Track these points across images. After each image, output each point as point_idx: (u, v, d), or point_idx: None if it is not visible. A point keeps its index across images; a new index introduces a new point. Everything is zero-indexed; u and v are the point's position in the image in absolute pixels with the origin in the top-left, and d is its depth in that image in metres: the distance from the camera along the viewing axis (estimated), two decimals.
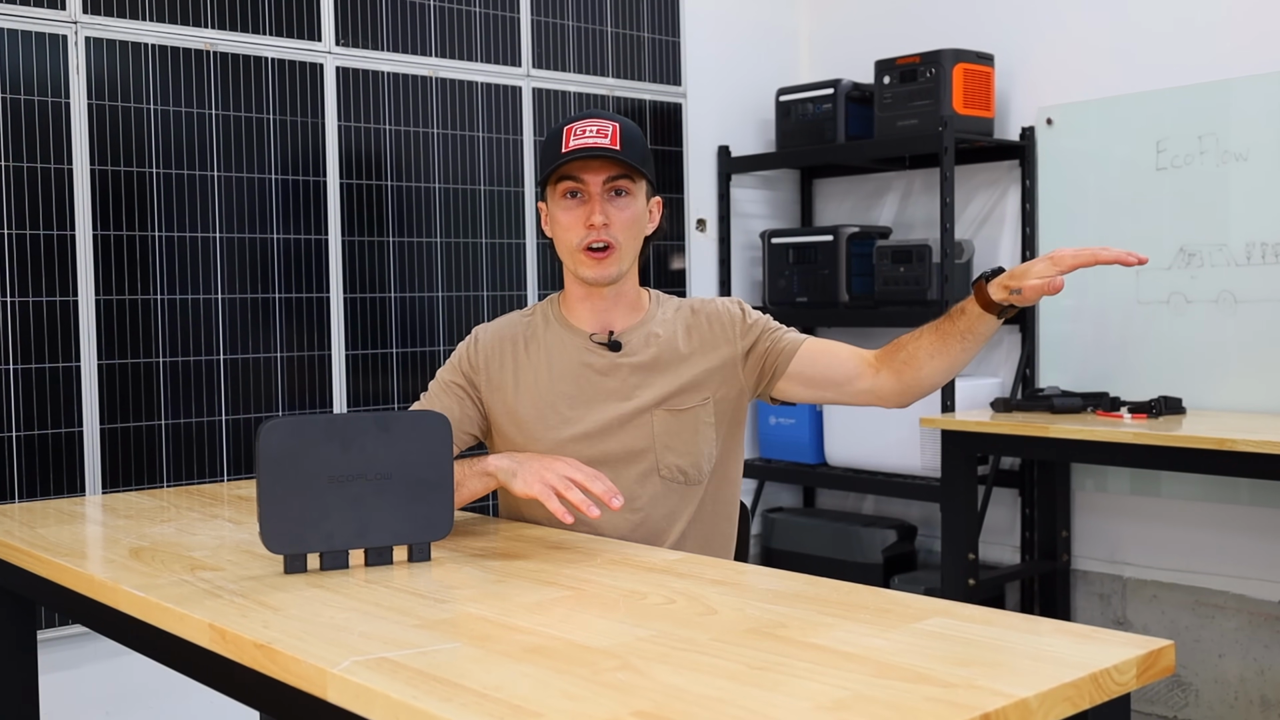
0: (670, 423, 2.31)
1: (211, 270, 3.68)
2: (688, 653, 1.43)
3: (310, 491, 1.87)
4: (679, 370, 2.33)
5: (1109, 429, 3.68)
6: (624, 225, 2.28)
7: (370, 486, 1.90)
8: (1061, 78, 4.51)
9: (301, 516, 1.87)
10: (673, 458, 2.31)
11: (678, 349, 2.35)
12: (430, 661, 1.41)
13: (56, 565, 2.04)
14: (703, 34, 4.96)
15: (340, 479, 1.88)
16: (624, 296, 2.36)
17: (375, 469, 1.91)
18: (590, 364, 2.34)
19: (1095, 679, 1.33)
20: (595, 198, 2.25)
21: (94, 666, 3.50)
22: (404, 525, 1.94)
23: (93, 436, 3.47)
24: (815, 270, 4.81)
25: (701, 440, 2.33)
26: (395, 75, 4.05)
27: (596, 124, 2.25)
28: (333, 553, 1.90)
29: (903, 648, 1.43)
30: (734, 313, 2.39)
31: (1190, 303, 4.12)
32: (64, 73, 3.44)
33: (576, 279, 2.33)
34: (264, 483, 1.84)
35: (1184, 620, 4.24)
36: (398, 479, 1.92)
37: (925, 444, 4.43)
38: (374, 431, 1.91)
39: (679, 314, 2.40)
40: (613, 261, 2.27)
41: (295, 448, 1.86)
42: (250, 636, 1.54)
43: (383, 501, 1.92)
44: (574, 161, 2.23)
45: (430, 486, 1.95)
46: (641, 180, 2.31)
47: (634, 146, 2.27)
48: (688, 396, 2.32)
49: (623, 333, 2.35)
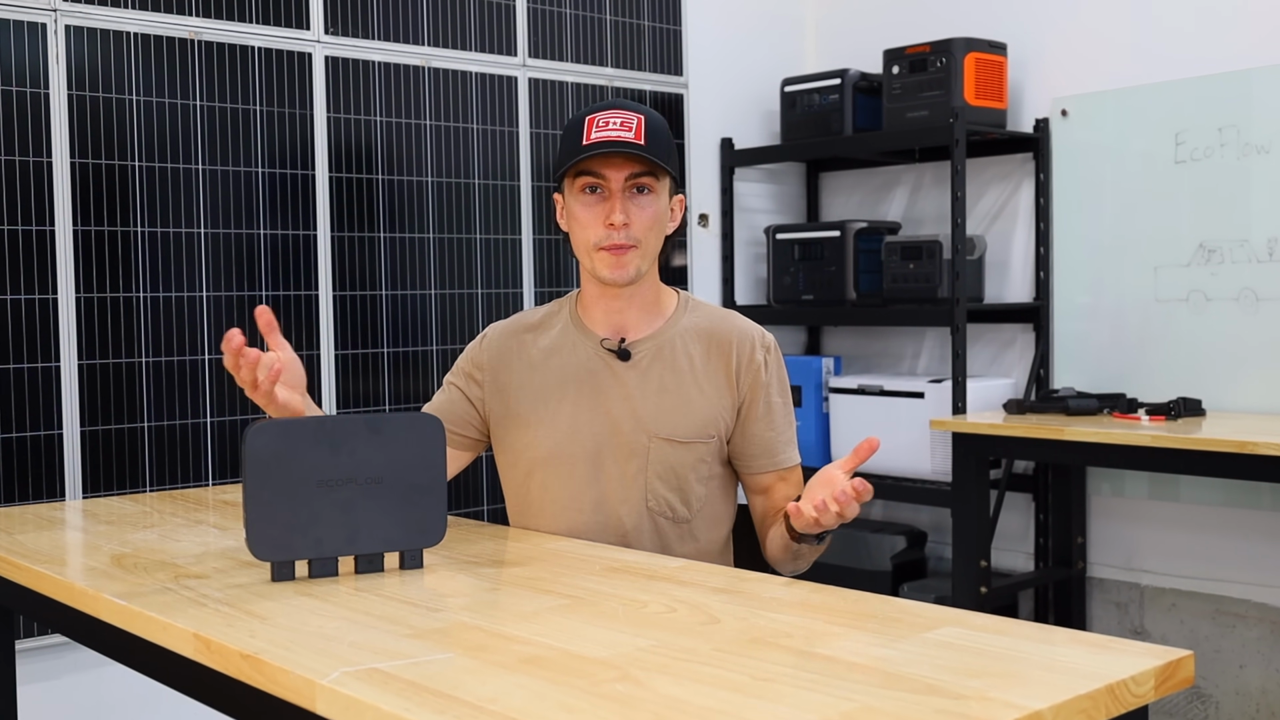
0: (667, 454, 2.27)
1: (196, 267, 3.68)
2: (689, 663, 1.43)
3: (299, 496, 1.86)
4: (693, 398, 2.29)
5: (1126, 431, 3.68)
6: (645, 225, 2.23)
7: (361, 491, 1.90)
8: (1077, 67, 4.51)
9: (290, 522, 1.86)
10: (663, 489, 2.27)
11: (691, 372, 2.30)
12: (423, 672, 1.41)
13: (35, 573, 2.04)
14: (705, 22, 4.96)
15: (330, 483, 1.88)
16: (641, 298, 2.32)
17: (366, 473, 1.90)
18: (596, 371, 2.30)
19: (1112, 690, 1.33)
20: (616, 195, 2.20)
21: (74, 678, 3.50)
22: (396, 531, 1.94)
23: (73, 439, 3.47)
24: (821, 267, 4.81)
25: (695, 478, 2.29)
26: (386, 65, 4.06)
27: (620, 115, 2.21)
28: (322, 560, 1.90)
29: (912, 658, 1.43)
30: (756, 360, 2.32)
31: (1210, 300, 4.12)
32: (43, 62, 3.44)
33: (592, 278, 2.29)
34: (250, 487, 1.84)
35: (1204, 630, 4.24)
36: (389, 483, 1.92)
37: (936, 447, 4.43)
38: (365, 434, 1.91)
39: (700, 333, 2.33)
40: (632, 262, 2.22)
41: (283, 451, 1.85)
42: (236, 647, 1.54)
43: (374, 506, 1.91)
44: (595, 156, 2.19)
45: (423, 491, 1.95)
46: (665, 177, 2.26)
47: (659, 141, 2.22)
48: (694, 428, 2.28)
49: (635, 341, 2.31)
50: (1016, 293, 4.72)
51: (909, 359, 5.06)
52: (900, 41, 4.69)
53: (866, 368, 5.15)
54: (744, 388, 2.31)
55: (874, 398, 4.64)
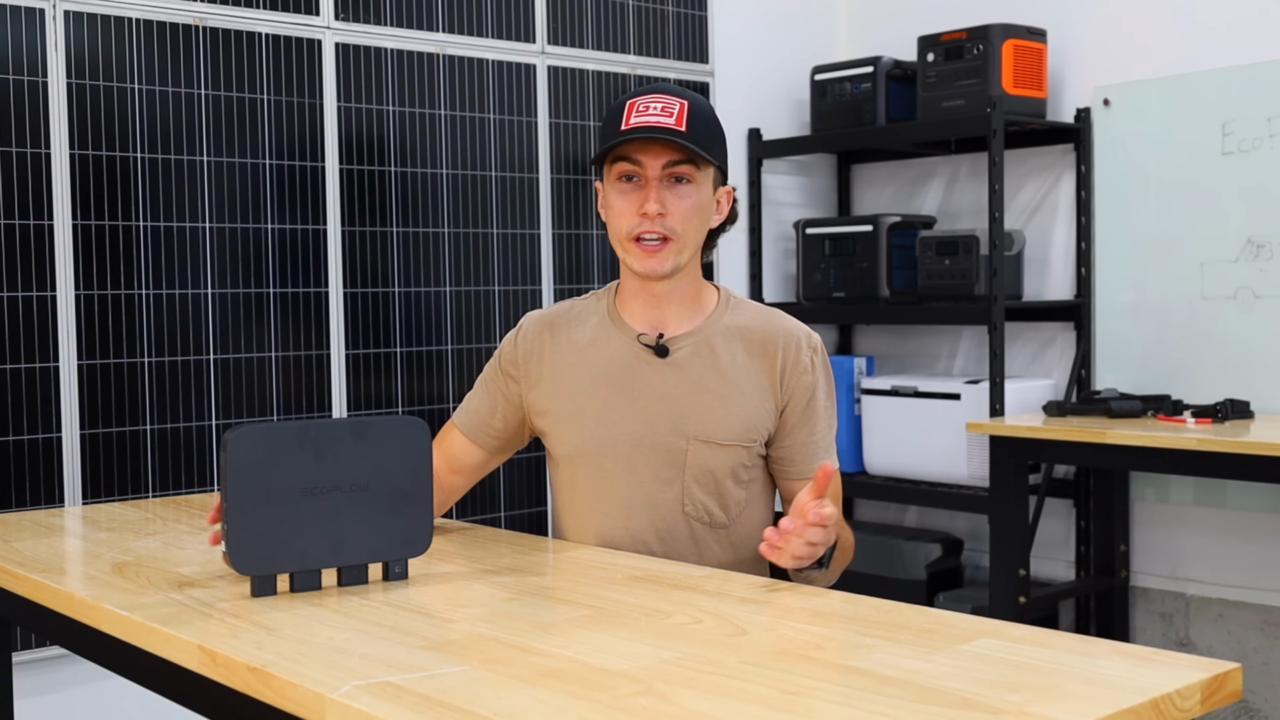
0: (705, 455, 2.26)
1: (201, 263, 3.69)
2: (716, 676, 1.43)
3: (282, 506, 1.86)
4: (734, 399, 2.27)
5: (1171, 434, 3.67)
6: (683, 216, 2.22)
7: (345, 499, 1.90)
8: (1120, 54, 4.50)
9: (272, 533, 1.86)
10: (700, 493, 2.27)
11: (733, 372, 2.28)
12: (437, 686, 1.41)
13: (33, 582, 2.05)
14: (732, 7, 4.96)
15: (313, 491, 1.88)
16: (680, 294, 2.30)
17: (351, 479, 1.90)
18: (631, 367, 2.29)
19: (1156, 705, 1.33)
20: (652, 183, 2.20)
21: (74, 691, 3.51)
22: (381, 541, 1.94)
23: (72, 443, 3.49)
24: (853, 263, 4.80)
25: (734, 483, 2.28)
26: (399, 52, 4.06)
27: (662, 100, 2.20)
28: (304, 573, 1.90)
29: (948, 671, 1.43)
30: (803, 362, 2.30)
31: (1259, 298, 4.11)
32: (41, 50, 3.45)
33: (629, 271, 2.28)
34: (231, 497, 1.83)
35: (1252, 641, 4.22)
36: (374, 490, 1.92)
37: (972, 451, 4.42)
38: (349, 439, 1.90)
39: (743, 332, 2.31)
40: (668, 255, 2.21)
41: (265, 458, 1.84)
42: (243, 659, 1.54)
43: (358, 515, 1.91)
44: (631, 142, 2.19)
45: (408, 499, 1.95)
46: (708, 167, 2.25)
47: (703, 128, 2.21)
48: (735, 431, 2.26)
49: (674, 338, 2.30)
50: (1057, 290, 4.70)
51: (945, 359, 5.05)
52: (935, 27, 4.68)
53: (900, 368, 5.14)
54: (788, 391, 2.29)
55: (908, 399, 4.63)
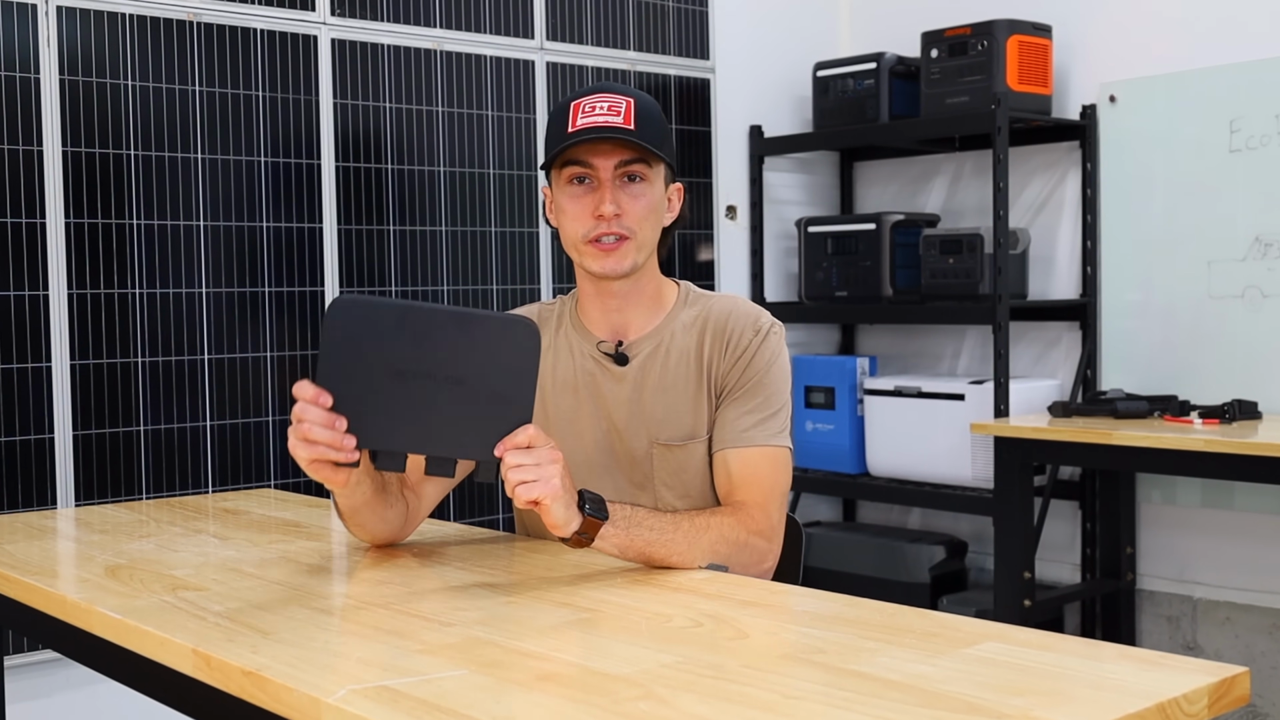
0: (668, 459, 2.24)
1: (195, 262, 3.69)
2: (717, 681, 1.43)
3: (369, 382, 1.82)
4: (683, 395, 2.25)
5: (1178, 435, 3.67)
6: (638, 215, 2.20)
7: (437, 389, 1.84)
8: (1126, 51, 4.50)
9: (356, 409, 1.82)
10: (671, 497, 2.25)
11: (686, 367, 2.26)
12: (434, 690, 1.41)
13: (25, 585, 2.05)
14: (733, 3, 4.96)
15: (404, 374, 1.82)
16: (640, 294, 2.29)
17: (446, 371, 1.84)
18: (593, 376, 2.28)
19: (1163, 709, 1.33)
20: (605, 185, 2.17)
21: (67, 695, 3.51)
22: (470, 438, 1.87)
23: (64, 444, 3.49)
24: (856, 262, 4.80)
25: (703, 482, 2.25)
26: (396, 48, 4.06)
27: (607, 99, 2.18)
28: (388, 454, 1.86)
29: (952, 675, 1.43)
30: (744, 342, 2.24)
31: (1267, 297, 4.11)
32: (33, 45, 3.45)
33: (586, 275, 2.26)
34: (321, 365, 1.81)
35: (1260, 645, 4.22)
36: (470, 386, 1.85)
37: (977, 452, 4.42)
38: (452, 330, 1.84)
39: (697, 324, 2.28)
40: (626, 253, 2.19)
41: (362, 333, 1.81)
42: (237, 663, 1.54)
43: (450, 408, 1.85)
44: (581, 144, 2.16)
45: (505, 402, 1.86)
46: (659, 164, 2.23)
47: (650, 125, 2.19)
48: (686, 428, 2.24)
49: (634, 343, 2.28)
50: (1062, 289, 4.70)
51: (948, 359, 5.05)
52: (939, 23, 4.68)
53: (903, 368, 5.14)
54: (719, 372, 2.25)
55: (911, 400, 4.63)
